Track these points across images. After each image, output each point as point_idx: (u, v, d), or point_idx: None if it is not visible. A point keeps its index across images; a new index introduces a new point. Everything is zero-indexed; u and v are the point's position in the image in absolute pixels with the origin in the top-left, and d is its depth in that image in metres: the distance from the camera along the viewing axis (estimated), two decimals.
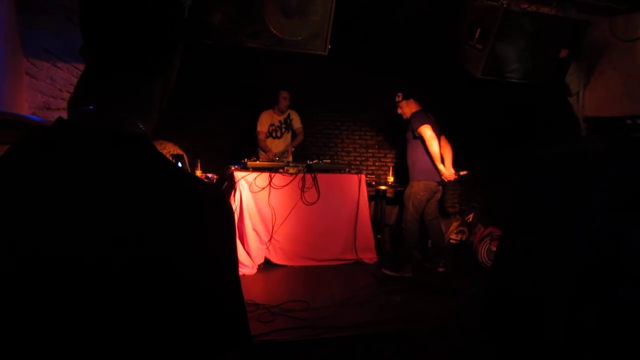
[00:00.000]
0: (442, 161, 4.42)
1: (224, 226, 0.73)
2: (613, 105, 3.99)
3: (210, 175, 5.01)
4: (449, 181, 4.56)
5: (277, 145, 5.44)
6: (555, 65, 3.66)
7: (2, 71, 2.59)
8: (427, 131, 4.30)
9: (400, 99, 4.64)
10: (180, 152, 5.46)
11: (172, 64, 0.81)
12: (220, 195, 0.76)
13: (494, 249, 5.00)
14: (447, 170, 4.43)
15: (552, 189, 0.58)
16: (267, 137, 5.42)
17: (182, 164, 5.02)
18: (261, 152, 5.29)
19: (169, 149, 5.43)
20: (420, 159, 4.42)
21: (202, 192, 0.72)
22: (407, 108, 4.59)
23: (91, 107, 0.75)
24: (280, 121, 5.43)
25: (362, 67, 6.02)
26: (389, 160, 6.52)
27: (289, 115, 5.46)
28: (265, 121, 5.40)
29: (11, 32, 2.68)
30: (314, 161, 4.75)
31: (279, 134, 5.46)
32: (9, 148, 0.70)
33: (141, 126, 0.76)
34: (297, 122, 5.51)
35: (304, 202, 4.57)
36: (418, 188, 4.41)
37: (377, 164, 6.53)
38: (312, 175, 4.56)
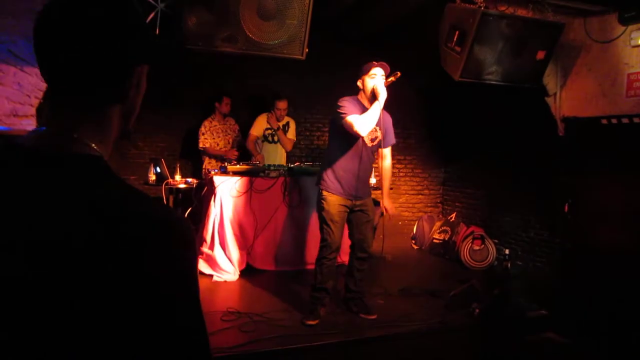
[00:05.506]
0: None
1: (181, 254, 0.68)
2: (589, 106, 4.05)
3: (189, 179, 4.92)
4: None
5: (272, 150, 5.37)
6: (533, 66, 3.69)
7: None
8: None
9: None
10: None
11: (131, 88, 0.76)
12: (178, 219, 0.71)
13: (477, 248, 5.02)
14: None
15: None
16: (262, 141, 5.36)
17: (160, 168, 4.93)
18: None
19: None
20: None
21: (157, 215, 0.68)
22: None
23: (43, 127, 0.72)
24: (278, 127, 5.35)
25: (343, 68, 5.99)
26: None
27: (287, 123, 5.38)
28: (260, 125, 5.31)
29: None
30: (296, 164, 4.71)
31: (275, 139, 5.39)
32: None
33: (95, 147, 0.72)
34: (291, 133, 5.40)
35: (285, 206, 4.52)
36: None
37: None
38: (294, 178, 4.51)
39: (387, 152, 3.46)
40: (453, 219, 5.78)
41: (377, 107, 3.06)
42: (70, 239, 0.62)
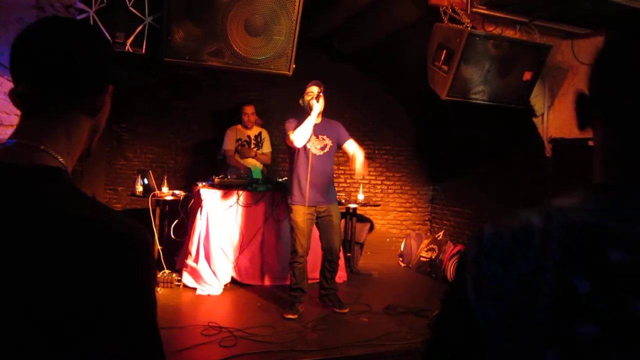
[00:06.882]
0: None
1: (136, 268, 0.68)
2: (576, 127, 4.08)
3: (177, 191, 4.88)
4: None
5: (246, 159, 5.30)
6: (520, 87, 3.73)
7: None
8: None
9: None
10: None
11: (102, 105, 0.80)
12: (137, 233, 0.70)
13: None
14: None
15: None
16: (235, 152, 5.26)
17: (147, 180, 4.89)
18: (231, 170, 5.15)
19: None
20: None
21: (113, 227, 0.68)
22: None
23: (13, 140, 0.73)
24: (249, 136, 5.24)
25: (330, 82, 6.03)
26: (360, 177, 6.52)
27: (260, 134, 5.31)
28: (231, 139, 5.19)
29: None
30: (284, 179, 4.69)
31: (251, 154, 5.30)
32: None
33: (61, 159, 0.73)
34: (266, 147, 5.30)
35: (272, 221, 4.50)
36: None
37: (348, 180, 6.51)
38: (281, 193, 4.49)
39: (351, 148, 3.73)
40: (441, 237, 5.77)
41: (309, 121, 3.46)
42: (25, 251, 0.62)
